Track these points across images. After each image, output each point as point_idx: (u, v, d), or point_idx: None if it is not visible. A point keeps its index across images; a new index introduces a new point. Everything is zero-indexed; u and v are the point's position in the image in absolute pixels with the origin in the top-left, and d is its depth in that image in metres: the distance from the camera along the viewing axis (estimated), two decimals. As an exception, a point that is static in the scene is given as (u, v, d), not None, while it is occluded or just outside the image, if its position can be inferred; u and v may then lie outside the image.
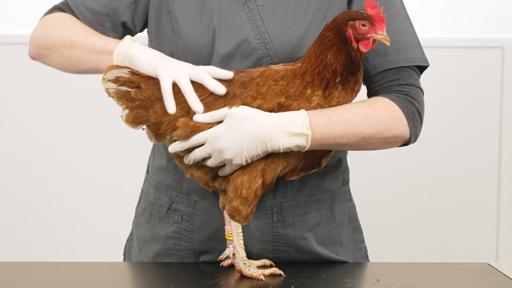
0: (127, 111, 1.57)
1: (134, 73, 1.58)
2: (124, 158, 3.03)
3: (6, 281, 1.54)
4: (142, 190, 1.84)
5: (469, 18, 3.04)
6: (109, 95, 1.58)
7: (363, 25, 1.52)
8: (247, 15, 1.65)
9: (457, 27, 3.04)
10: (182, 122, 1.53)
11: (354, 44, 1.53)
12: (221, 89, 1.54)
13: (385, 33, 1.52)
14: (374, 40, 1.54)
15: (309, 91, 1.53)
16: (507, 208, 3.06)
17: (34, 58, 1.78)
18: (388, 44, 1.52)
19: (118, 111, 1.81)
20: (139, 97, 1.56)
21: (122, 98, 1.57)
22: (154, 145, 1.81)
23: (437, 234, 3.07)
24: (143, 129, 1.59)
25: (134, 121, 1.57)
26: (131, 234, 1.85)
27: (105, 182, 3.06)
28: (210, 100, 1.53)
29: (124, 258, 1.87)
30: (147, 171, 1.83)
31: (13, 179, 3.06)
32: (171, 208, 1.73)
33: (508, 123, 3.03)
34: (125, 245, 1.88)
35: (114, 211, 3.04)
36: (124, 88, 1.57)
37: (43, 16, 1.78)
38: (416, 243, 3.07)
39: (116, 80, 1.57)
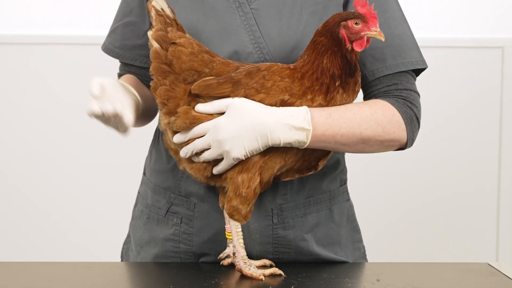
0: (158, 28, 1.56)
1: (175, 19, 1.57)
2: (122, 159, 3.03)
3: (6, 281, 1.54)
4: (138, 192, 1.83)
5: (469, 18, 3.04)
6: (149, 12, 1.57)
7: (356, 23, 1.52)
8: (241, 19, 1.65)
9: (457, 27, 3.04)
10: (183, 111, 1.53)
11: (348, 45, 1.53)
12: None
13: (379, 29, 1.52)
14: (368, 40, 1.54)
15: (309, 96, 1.53)
16: (507, 208, 3.06)
17: None
18: (383, 39, 1.52)
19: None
20: (169, 34, 1.55)
21: (159, 22, 1.56)
22: (151, 147, 1.81)
23: (437, 234, 3.07)
24: (151, 62, 1.58)
25: (157, 38, 1.55)
26: (128, 236, 1.85)
27: (103, 183, 3.06)
28: (214, 83, 1.53)
29: (122, 261, 1.86)
30: (144, 173, 1.82)
31: (14, 180, 3.06)
32: (169, 210, 1.72)
33: (508, 123, 3.04)
34: (122, 248, 1.87)
35: (112, 213, 3.04)
36: (163, 19, 1.56)
37: None
38: (416, 243, 3.07)
39: (159, 11, 1.56)
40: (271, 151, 1.53)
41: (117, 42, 1.77)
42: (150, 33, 1.56)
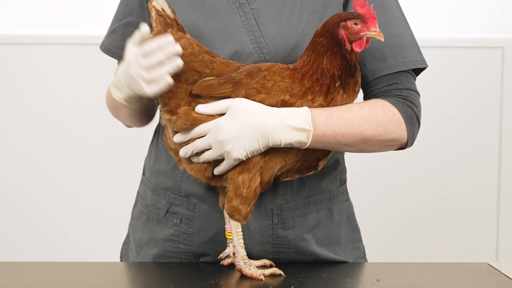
0: (158, 29, 1.54)
1: (176, 20, 1.56)
2: (121, 160, 3.03)
3: (6, 281, 1.54)
4: (138, 192, 1.83)
5: (469, 18, 3.04)
6: (150, 12, 1.56)
7: (355, 23, 1.52)
8: (241, 19, 1.65)
9: (457, 27, 3.04)
10: (183, 112, 1.53)
11: (348, 46, 1.53)
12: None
13: (378, 29, 1.52)
14: (367, 40, 1.54)
15: (310, 97, 1.53)
16: (507, 208, 3.06)
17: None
18: (382, 40, 1.53)
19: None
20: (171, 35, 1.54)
21: (159, 23, 1.55)
22: (150, 147, 1.81)
23: (437, 234, 3.07)
24: None
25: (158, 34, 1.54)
26: (127, 236, 1.85)
27: (103, 183, 3.06)
28: (215, 83, 1.53)
29: (121, 261, 1.86)
30: (143, 173, 1.82)
31: (14, 180, 3.06)
32: (169, 210, 1.72)
33: (508, 123, 3.04)
34: (122, 248, 1.87)
35: (111, 213, 3.04)
36: (163, 20, 1.55)
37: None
38: (416, 243, 3.07)
39: (160, 12, 1.55)
40: (271, 151, 1.53)
41: (118, 43, 1.76)
42: (149, 35, 1.55)
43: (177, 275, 1.59)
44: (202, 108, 1.53)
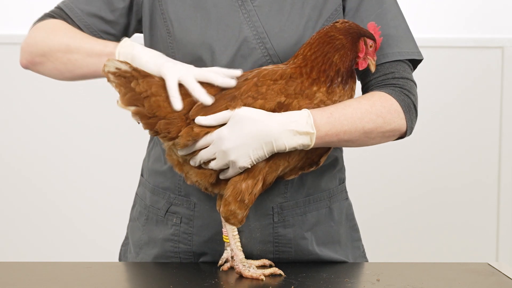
0: (123, 92, 1.52)
1: (134, 69, 1.54)
2: (119, 161, 3.03)
3: (6, 281, 1.54)
4: (136, 193, 1.82)
5: (469, 18, 3.04)
6: (108, 80, 1.53)
7: (370, 46, 1.58)
8: (244, 16, 1.65)
9: (456, 27, 3.04)
10: (184, 132, 1.52)
11: (360, 57, 1.57)
12: (230, 83, 1.53)
13: (375, 62, 1.60)
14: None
15: (314, 88, 1.54)
16: (507, 208, 3.06)
17: (26, 66, 1.73)
18: (373, 71, 1.60)
19: (118, 113, 1.80)
20: (136, 89, 1.52)
21: (121, 85, 1.52)
22: (149, 148, 1.80)
23: (437, 234, 3.07)
24: (139, 122, 1.55)
25: (129, 102, 1.52)
26: (126, 238, 1.84)
27: (102, 184, 3.05)
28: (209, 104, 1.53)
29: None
30: (142, 175, 1.82)
31: (13, 181, 3.05)
32: (169, 210, 1.72)
33: (508, 123, 3.04)
34: (120, 249, 1.86)
35: (110, 214, 3.04)
36: (123, 78, 1.53)
37: (34, 24, 1.75)
38: (416, 243, 3.07)
39: (116, 72, 1.53)
40: (275, 155, 1.53)
41: (82, 5, 1.71)
42: (119, 103, 1.51)
43: (177, 275, 1.60)
44: (203, 120, 1.52)
